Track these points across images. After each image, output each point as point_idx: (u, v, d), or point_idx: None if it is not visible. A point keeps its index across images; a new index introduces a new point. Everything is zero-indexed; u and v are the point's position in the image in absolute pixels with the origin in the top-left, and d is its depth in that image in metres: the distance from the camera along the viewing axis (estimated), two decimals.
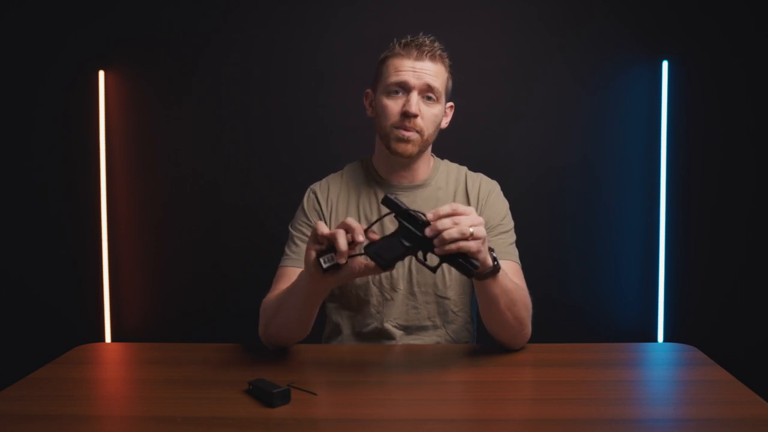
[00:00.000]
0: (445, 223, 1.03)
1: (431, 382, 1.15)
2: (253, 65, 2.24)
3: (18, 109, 2.27)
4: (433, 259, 1.09)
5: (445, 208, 1.05)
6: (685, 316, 2.22)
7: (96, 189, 2.26)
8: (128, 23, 2.23)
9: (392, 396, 1.09)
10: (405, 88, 1.34)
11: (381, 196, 1.42)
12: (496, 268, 1.15)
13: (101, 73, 2.23)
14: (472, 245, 1.04)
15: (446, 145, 1.52)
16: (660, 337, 2.21)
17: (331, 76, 2.22)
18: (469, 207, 1.07)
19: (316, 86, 2.22)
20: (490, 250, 1.14)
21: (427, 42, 1.35)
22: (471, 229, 1.04)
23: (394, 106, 1.34)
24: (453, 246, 1.04)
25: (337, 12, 2.21)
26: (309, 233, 1.40)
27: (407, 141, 1.35)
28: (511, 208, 1.47)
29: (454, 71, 1.41)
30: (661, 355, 1.40)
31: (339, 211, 1.44)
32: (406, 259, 1.08)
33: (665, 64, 2.16)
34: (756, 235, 2.22)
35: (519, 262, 1.40)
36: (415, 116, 1.33)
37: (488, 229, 1.37)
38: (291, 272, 1.37)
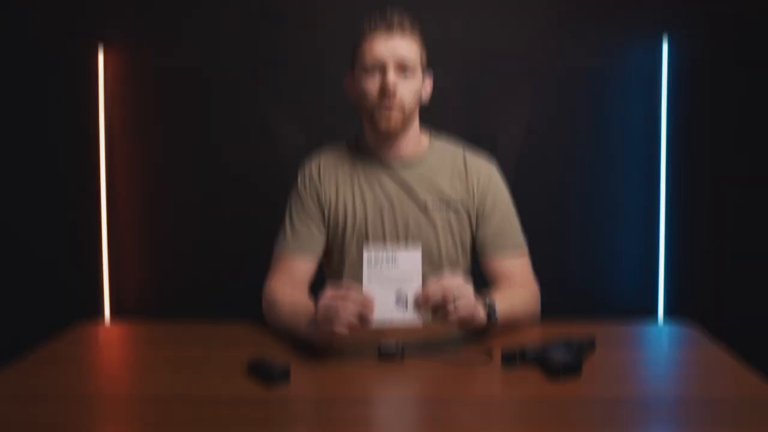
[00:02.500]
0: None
1: (433, 361, 1.15)
2: (253, 65, 2.21)
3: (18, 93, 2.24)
4: None
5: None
6: (686, 288, 2.21)
7: (95, 172, 2.22)
8: (128, 23, 2.21)
9: (393, 374, 1.09)
10: (379, 65, 1.35)
11: (374, 171, 1.43)
12: (493, 323, 1.20)
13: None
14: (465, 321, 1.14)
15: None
16: (660, 311, 2.21)
17: (331, 76, 2.18)
18: (448, 291, 1.11)
19: (317, 84, 2.20)
20: (487, 305, 1.20)
21: (395, 17, 1.36)
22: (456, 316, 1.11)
23: (372, 85, 1.36)
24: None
25: (337, 10, 2.18)
26: (307, 212, 1.43)
27: (389, 110, 1.35)
28: (509, 182, 1.49)
29: (427, 42, 1.41)
30: (663, 334, 1.41)
31: (333, 185, 1.45)
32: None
33: (665, 43, 2.13)
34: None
35: (527, 248, 1.44)
36: (394, 94, 1.34)
37: (495, 221, 1.41)
38: (290, 258, 1.41)
